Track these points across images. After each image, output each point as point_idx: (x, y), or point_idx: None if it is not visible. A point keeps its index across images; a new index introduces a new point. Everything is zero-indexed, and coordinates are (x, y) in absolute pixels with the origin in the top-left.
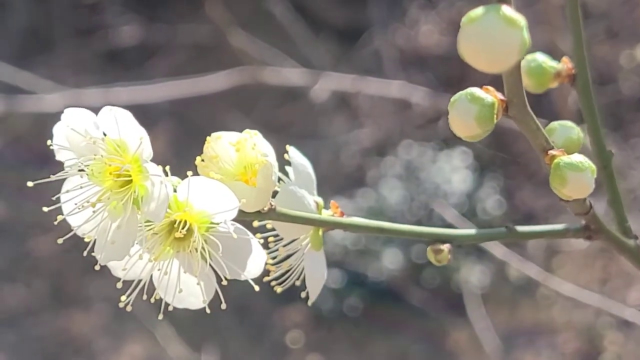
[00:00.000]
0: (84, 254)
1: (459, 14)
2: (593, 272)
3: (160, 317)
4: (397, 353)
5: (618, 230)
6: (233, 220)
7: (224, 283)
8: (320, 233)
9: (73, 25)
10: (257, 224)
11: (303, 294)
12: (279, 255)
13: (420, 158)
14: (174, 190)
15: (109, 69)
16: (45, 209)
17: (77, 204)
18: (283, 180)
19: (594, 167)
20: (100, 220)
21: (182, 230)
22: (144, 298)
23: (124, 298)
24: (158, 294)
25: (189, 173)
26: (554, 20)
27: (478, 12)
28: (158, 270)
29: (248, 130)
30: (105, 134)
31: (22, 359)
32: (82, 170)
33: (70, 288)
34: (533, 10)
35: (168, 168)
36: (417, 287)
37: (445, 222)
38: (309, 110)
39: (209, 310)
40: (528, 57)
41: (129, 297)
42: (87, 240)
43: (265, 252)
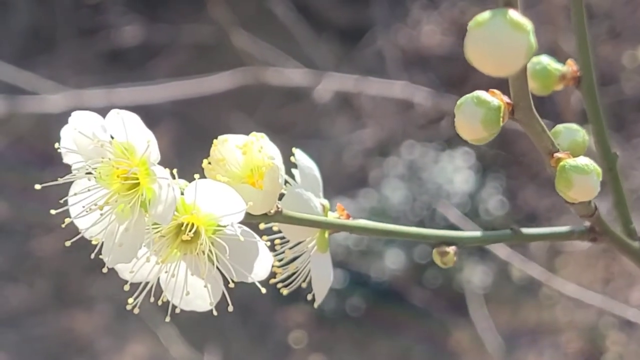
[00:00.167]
0: (90, 256)
1: (462, 14)
2: (596, 272)
3: (168, 319)
4: (399, 353)
5: (623, 232)
6: (240, 223)
7: (231, 285)
8: (327, 235)
9: (75, 26)
10: (263, 227)
11: (309, 297)
12: (286, 258)
13: (423, 158)
14: (181, 193)
15: (111, 69)
16: (53, 212)
17: (84, 207)
18: (289, 183)
19: (600, 169)
20: (108, 223)
21: (189, 233)
22: (151, 300)
23: (131, 300)
24: (165, 297)
25: (196, 176)
26: (557, 20)
27: (485, 16)
28: (165, 273)
29: (254, 133)
30: (113, 137)
31: (24, 359)
32: (89, 173)
33: (73, 288)
34: (536, 11)
35: (175, 171)
36: (419, 287)
37: (448, 222)
38: (312, 111)
39: (216, 313)
40: (533, 59)
41: (136, 299)
42: (94, 243)
43: (272, 254)
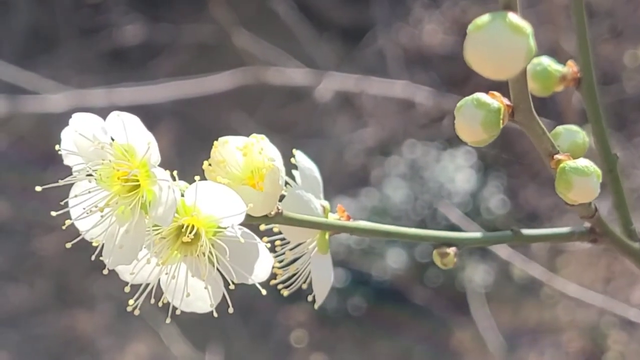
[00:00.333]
0: (91, 257)
1: (463, 13)
2: (597, 271)
3: (168, 320)
4: (400, 352)
5: (623, 233)
6: (240, 225)
7: (232, 287)
8: (327, 237)
9: (76, 25)
10: (264, 228)
11: (310, 297)
12: (286, 259)
13: (424, 157)
14: (182, 195)
15: (113, 69)
16: (54, 213)
17: (85, 209)
18: (290, 184)
19: (600, 171)
20: (109, 225)
21: (189, 235)
22: (152, 302)
23: (132, 302)
24: (165, 298)
25: (197, 177)
26: (558, 20)
27: (484, 19)
28: (166, 275)
29: (255, 135)
30: (113, 139)
31: (26, 358)
32: (90, 175)
33: (74, 287)
34: (536, 10)
35: (176, 173)
36: (420, 286)
37: (449, 221)
38: (313, 110)
39: (216, 314)
40: (533, 60)
41: (137, 300)
42: (95, 245)
43: (272, 255)
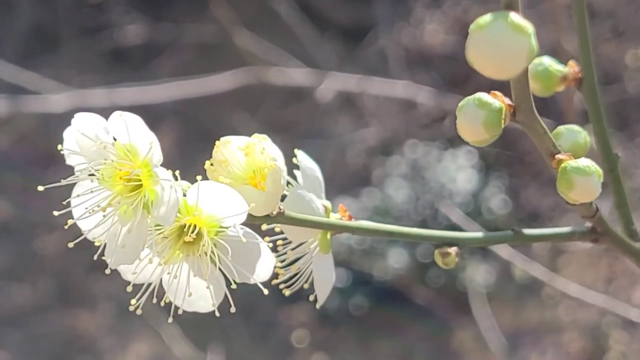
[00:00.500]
0: (93, 257)
1: (465, 13)
2: (598, 271)
3: (170, 320)
4: (402, 352)
5: (624, 233)
6: (242, 224)
7: (233, 287)
8: (329, 236)
9: (78, 25)
10: (265, 228)
11: (311, 297)
12: (288, 259)
13: (426, 157)
14: (184, 195)
15: (114, 69)
16: (56, 213)
17: (87, 208)
18: (291, 184)
19: (601, 171)
20: (111, 225)
21: (191, 234)
22: (154, 301)
23: (134, 301)
24: (167, 298)
25: (199, 177)
26: (559, 20)
27: (486, 19)
28: (168, 274)
29: (257, 135)
30: (116, 139)
31: (28, 358)
32: (92, 175)
33: (76, 287)
34: (538, 10)
35: (178, 172)
36: (422, 286)
37: (451, 221)
38: (314, 110)
39: (218, 314)
40: (535, 60)
41: (139, 300)
42: (97, 244)
43: (274, 255)
